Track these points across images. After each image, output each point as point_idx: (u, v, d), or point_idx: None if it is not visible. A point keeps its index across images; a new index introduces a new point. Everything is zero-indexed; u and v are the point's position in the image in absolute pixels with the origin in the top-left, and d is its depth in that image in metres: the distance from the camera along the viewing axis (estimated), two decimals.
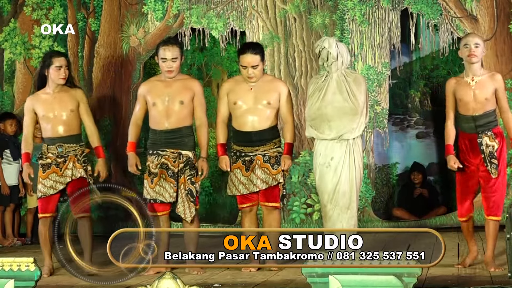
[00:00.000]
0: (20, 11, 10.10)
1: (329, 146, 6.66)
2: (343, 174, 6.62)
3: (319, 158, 6.71)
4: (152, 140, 6.80)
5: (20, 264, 4.95)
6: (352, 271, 4.72)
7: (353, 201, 6.65)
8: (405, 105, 10.98)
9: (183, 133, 6.72)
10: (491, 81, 6.40)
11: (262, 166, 6.70)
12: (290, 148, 6.79)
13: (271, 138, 6.76)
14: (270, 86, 6.77)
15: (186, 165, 6.70)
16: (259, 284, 6.02)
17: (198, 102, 6.78)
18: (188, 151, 6.72)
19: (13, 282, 4.92)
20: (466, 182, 6.50)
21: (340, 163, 6.62)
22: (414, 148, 10.73)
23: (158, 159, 6.70)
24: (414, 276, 4.66)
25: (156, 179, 6.69)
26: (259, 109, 6.72)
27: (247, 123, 6.74)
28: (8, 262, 4.97)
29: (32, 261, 4.96)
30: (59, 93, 6.89)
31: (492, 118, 6.44)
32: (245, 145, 6.77)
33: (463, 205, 6.53)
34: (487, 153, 6.38)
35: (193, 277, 6.37)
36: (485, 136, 6.39)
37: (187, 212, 6.68)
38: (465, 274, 6.19)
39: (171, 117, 6.70)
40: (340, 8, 9.60)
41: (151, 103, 6.76)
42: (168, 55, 6.71)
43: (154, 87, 6.80)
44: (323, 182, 6.68)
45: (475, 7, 9.41)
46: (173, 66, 6.72)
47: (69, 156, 6.83)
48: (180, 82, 6.77)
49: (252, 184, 6.73)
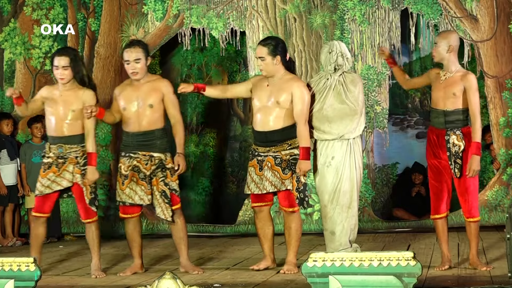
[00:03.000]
0: (20, 11, 10.11)
1: (330, 145, 6.65)
2: (344, 174, 6.62)
3: (319, 158, 6.69)
4: (125, 143, 6.79)
5: (20, 264, 4.95)
6: (352, 271, 4.72)
7: (353, 200, 6.64)
8: (405, 105, 10.99)
9: (155, 135, 6.68)
10: (461, 80, 6.43)
11: (273, 169, 6.61)
12: (305, 152, 6.53)
13: (283, 139, 6.61)
14: (284, 85, 6.61)
15: (158, 167, 6.67)
16: (259, 284, 6.02)
17: (168, 101, 6.71)
18: (160, 153, 6.68)
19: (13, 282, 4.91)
20: (438, 176, 6.49)
21: (341, 162, 6.61)
22: (414, 148, 10.74)
23: (129, 162, 6.69)
24: (414, 276, 4.65)
25: (127, 181, 6.67)
26: (270, 108, 6.60)
27: (259, 121, 6.65)
28: (8, 262, 4.96)
29: (32, 261, 4.96)
30: (66, 91, 6.75)
31: (462, 117, 6.44)
32: (259, 144, 6.69)
33: (436, 201, 6.52)
34: (453, 152, 6.40)
35: (193, 277, 6.37)
36: (453, 135, 6.41)
37: (166, 213, 6.67)
38: (465, 274, 6.19)
39: (142, 120, 6.67)
40: (340, 8, 9.61)
41: (122, 107, 6.74)
42: (130, 56, 6.65)
43: (124, 91, 6.77)
44: (324, 182, 6.66)
45: (475, 7, 9.41)
46: (137, 67, 6.65)
47: (69, 158, 6.76)
48: (148, 84, 6.71)
49: (262, 185, 6.66)
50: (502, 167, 9.40)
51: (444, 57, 6.48)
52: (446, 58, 6.47)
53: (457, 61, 6.51)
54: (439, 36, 6.58)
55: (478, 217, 6.49)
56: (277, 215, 9.63)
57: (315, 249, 7.96)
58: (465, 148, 6.40)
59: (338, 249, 6.55)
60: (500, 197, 9.35)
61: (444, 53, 6.47)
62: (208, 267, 7.04)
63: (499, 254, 7.00)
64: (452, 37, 6.53)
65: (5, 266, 4.94)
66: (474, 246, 6.46)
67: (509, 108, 9.38)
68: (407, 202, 10.23)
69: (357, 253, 4.81)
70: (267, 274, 6.50)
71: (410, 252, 4.68)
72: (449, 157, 6.41)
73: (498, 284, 5.54)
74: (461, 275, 6.17)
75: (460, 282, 5.81)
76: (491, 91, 9.43)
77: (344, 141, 6.64)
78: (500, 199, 9.35)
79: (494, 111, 9.41)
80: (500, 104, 9.42)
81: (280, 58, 6.63)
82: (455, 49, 6.50)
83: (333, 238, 6.64)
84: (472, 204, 6.43)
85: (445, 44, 6.46)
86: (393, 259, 4.66)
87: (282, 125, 6.60)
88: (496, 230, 8.72)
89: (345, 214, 6.63)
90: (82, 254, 8.12)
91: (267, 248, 6.79)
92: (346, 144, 6.63)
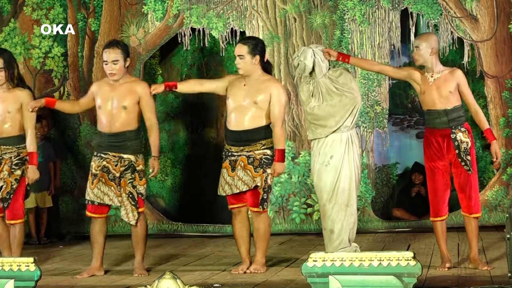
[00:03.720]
0: (20, 11, 10.10)
1: (328, 144, 6.64)
2: (342, 172, 6.61)
3: (318, 157, 6.68)
4: (98, 142, 6.81)
5: (20, 264, 4.95)
6: (352, 271, 4.72)
7: (352, 198, 6.63)
8: (405, 105, 10.98)
9: (126, 137, 6.68)
10: (452, 77, 6.47)
11: (246, 168, 6.59)
12: (281, 154, 6.57)
13: (257, 138, 6.60)
14: (262, 85, 6.61)
15: (127, 169, 6.67)
16: (259, 284, 6.02)
17: (145, 104, 6.72)
18: (130, 154, 6.69)
19: (13, 282, 4.91)
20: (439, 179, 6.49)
21: (340, 161, 6.60)
22: (414, 148, 10.73)
23: (100, 161, 6.70)
24: (414, 276, 4.65)
25: (96, 181, 6.68)
26: (246, 107, 6.58)
27: (235, 121, 6.61)
28: (8, 262, 4.96)
29: (32, 261, 4.96)
30: (4, 93, 6.93)
31: (461, 113, 6.49)
32: (232, 144, 6.66)
33: (438, 204, 6.52)
34: (462, 149, 6.41)
35: (193, 277, 6.37)
36: (459, 132, 6.44)
37: (130, 215, 6.67)
38: (465, 274, 6.19)
39: (116, 121, 6.67)
40: (340, 8, 9.60)
41: (97, 105, 6.77)
42: (109, 57, 6.66)
43: (102, 89, 6.79)
44: (323, 181, 6.65)
45: (475, 7, 9.41)
46: (115, 68, 6.66)
47: (5, 159, 6.88)
48: (125, 85, 6.72)
49: (234, 185, 6.64)
50: (502, 167, 9.40)
51: (427, 60, 6.50)
52: (429, 61, 6.50)
53: (439, 61, 6.56)
54: (419, 39, 6.58)
55: (480, 213, 6.50)
56: (277, 215, 9.64)
57: (315, 249, 7.96)
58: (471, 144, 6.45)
59: (337, 248, 6.54)
60: (500, 197, 9.35)
61: (427, 55, 6.48)
62: (208, 267, 7.04)
63: (499, 254, 7.01)
64: (432, 39, 6.56)
65: (5, 266, 4.95)
66: (475, 244, 6.46)
67: (509, 108, 9.38)
68: (407, 202, 10.23)
69: (357, 253, 4.81)
70: (267, 274, 6.50)
71: (410, 252, 4.68)
72: (458, 154, 6.41)
73: (498, 284, 5.54)
74: (461, 275, 6.17)
75: (460, 282, 5.81)
76: (491, 91, 9.43)
77: (343, 139, 6.61)
78: (500, 199, 9.35)
79: (494, 111, 9.40)
80: (500, 104, 9.42)
81: (259, 58, 6.64)
82: (437, 51, 6.53)
83: (332, 237, 6.63)
84: (476, 200, 6.46)
85: (427, 46, 6.48)
86: (393, 259, 4.66)
87: (256, 125, 6.60)
88: (496, 230, 8.72)
89: (344, 212, 6.62)
90: (82, 254, 8.12)
91: (245, 251, 6.73)
92: (345, 143, 6.62)
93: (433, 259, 7.01)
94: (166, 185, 10.74)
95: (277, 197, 9.59)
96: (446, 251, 6.53)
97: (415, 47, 6.54)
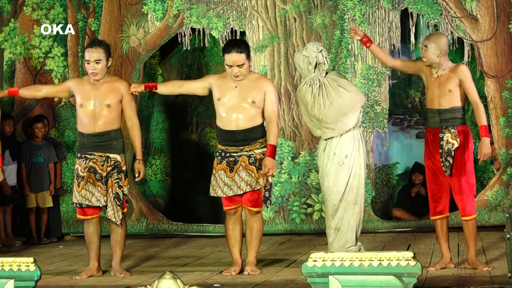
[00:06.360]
0: (20, 11, 10.10)
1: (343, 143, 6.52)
2: (353, 170, 6.54)
3: (332, 157, 6.53)
4: (80, 144, 6.75)
5: (20, 264, 4.95)
6: (352, 271, 4.72)
7: (360, 195, 6.55)
8: (405, 105, 10.98)
9: (111, 136, 6.66)
10: (454, 73, 6.42)
11: (247, 168, 6.55)
12: (272, 150, 6.54)
13: (256, 137, 6.58)
14: (255, 84, 6.57)
15: (114, 169, 6.65)
16: (259, 284, 6.02)
17: (126, 103, 6.70)
18: (116, 154, 6.67)
19: (13, 282, 4.91)
20: (436, 178, 6.48)
21: (352, 159, 6.53)
22: (414, 148, 10.73)
23: (86, 163, 6.66)
24: (414, 276, 4.65)
25: (83, 183, 6.65)
26: (243, 107, 6.53)
27: (232, 121, 6.57)
28: (8, 262, 4.96)
29: (32, 261, 4.96)
30: None
31: (458, 115, 6.43)
32: (230, 144, 6.60)
33: (435, 202, 6.51)
34: (445, 150, 6.38)
35: (193, 277, 6.37)
36: (448, 133, 6.40)
37: (116, 215, 6.65)
38: (465, 274, 6.19)
39: (99, 120, 6.64)
40: (340, 8, 9.61)
41: (78, 103, 6.73)
42: (91, 57, 6.63)
43: (83, 87, 6.74)
44: (338, 182, 6.52)
45: (475, 7, 9.41)
46: (97, 68, 6.64)
47: None
48: (107, 84, 6.69)
49: (236, 186, 6.58)
50: (502, 167, 9.40)
51: (434, 61, 6.46)
52: (437, 62, 6.47)
53: (448, 59, 6.52)
54: (428, 39, 6.52)
55: (474, 215, 6.44)
56: (277, 215, 9.64)
57: (315, 249, 7.96)
58: (460, 146, 6.39)
59: (345, 247, 6.47)
60: (500, 197, 9.35)
61: (435, 57, 6.43)
62: (208, 267, 7.04)
63: (499, 254, 7.00)
64: (442, 41, 6.48)
65: (5, 266, 4.94)
66: (472, 246, 6.43)
67: (509, 108, 9.38)
68: (407, 202, 10.23)
69: (357, 253, 4.81)
70: (267, 274, 6.50)
71: (410, 252, 4.68)
72: (441, 154, 6.39)
73: (498, 284, 5.54)
74: (461, 275, 6.17)
75: (460, 282, 5.81)
76: (491, 91, 9.43)
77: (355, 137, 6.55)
78: (500, 199, 9.35)
79: (494, 111, 9.40)
80: (500, 104, 9.42)
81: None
82: (446, 53, 6.48)
83: (338, 235, 6.54)
84: (466, 202, 6.41)
85: (435, 48, 6.41)
86: (393, 259, 4.66)
87: (254, 124, 6.57)
88: (496, 230, 8.72)
89: (351, 210, 6.55)
90: (82, 254, 8.12)
91: (237, 251, 6.68)
92: (356, 141, 6.56)
93: (433, 259, 7.01)
94: (166, 185, 10.74)
95: (277, 197, 9.59)
96: (446, 251, 6.51)
97: (424, 46, 6.48)
